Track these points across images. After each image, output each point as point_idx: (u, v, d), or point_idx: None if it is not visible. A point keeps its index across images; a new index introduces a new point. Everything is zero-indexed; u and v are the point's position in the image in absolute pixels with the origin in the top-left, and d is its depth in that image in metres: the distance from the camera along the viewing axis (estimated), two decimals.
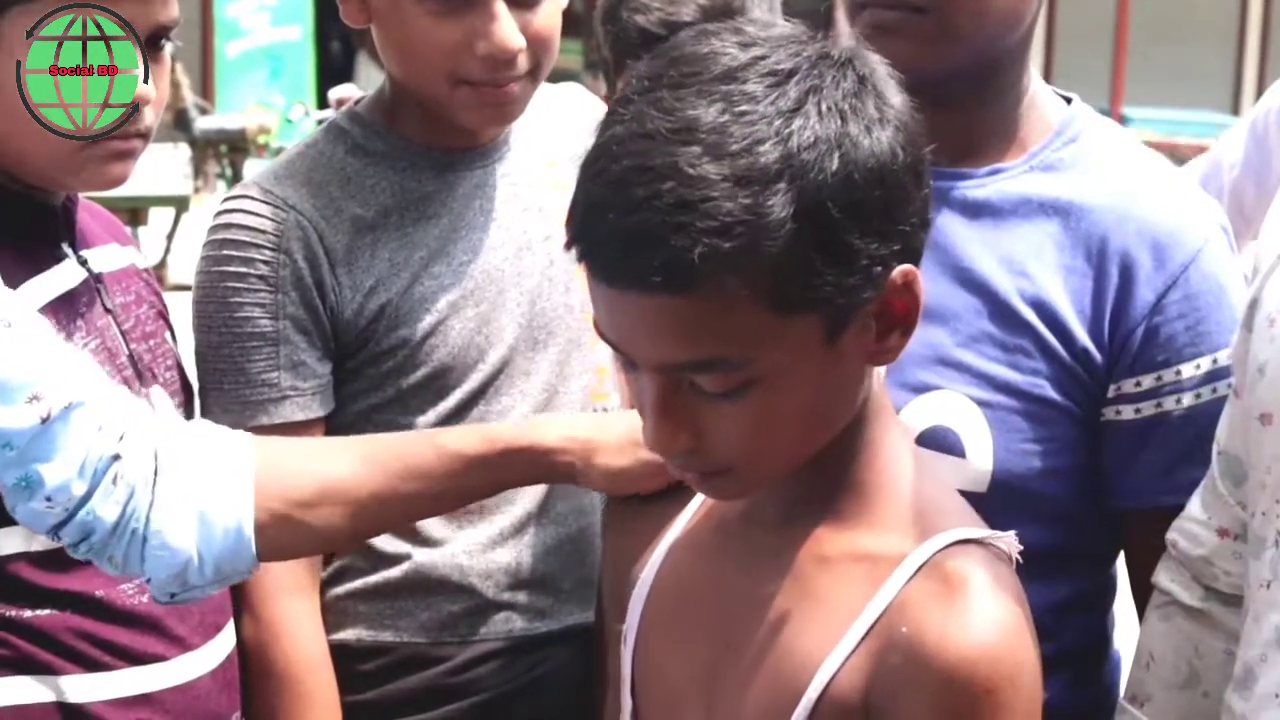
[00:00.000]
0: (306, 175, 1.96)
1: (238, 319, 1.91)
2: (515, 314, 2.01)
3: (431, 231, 1.98)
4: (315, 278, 1.91)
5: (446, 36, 1.88)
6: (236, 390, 1.92)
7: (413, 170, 1.99)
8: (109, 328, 1.82)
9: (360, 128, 2.01)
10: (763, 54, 1.28)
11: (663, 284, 1.23)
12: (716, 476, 1.35)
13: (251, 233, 1.91)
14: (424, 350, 1.95)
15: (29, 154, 1.70)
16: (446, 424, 1.95)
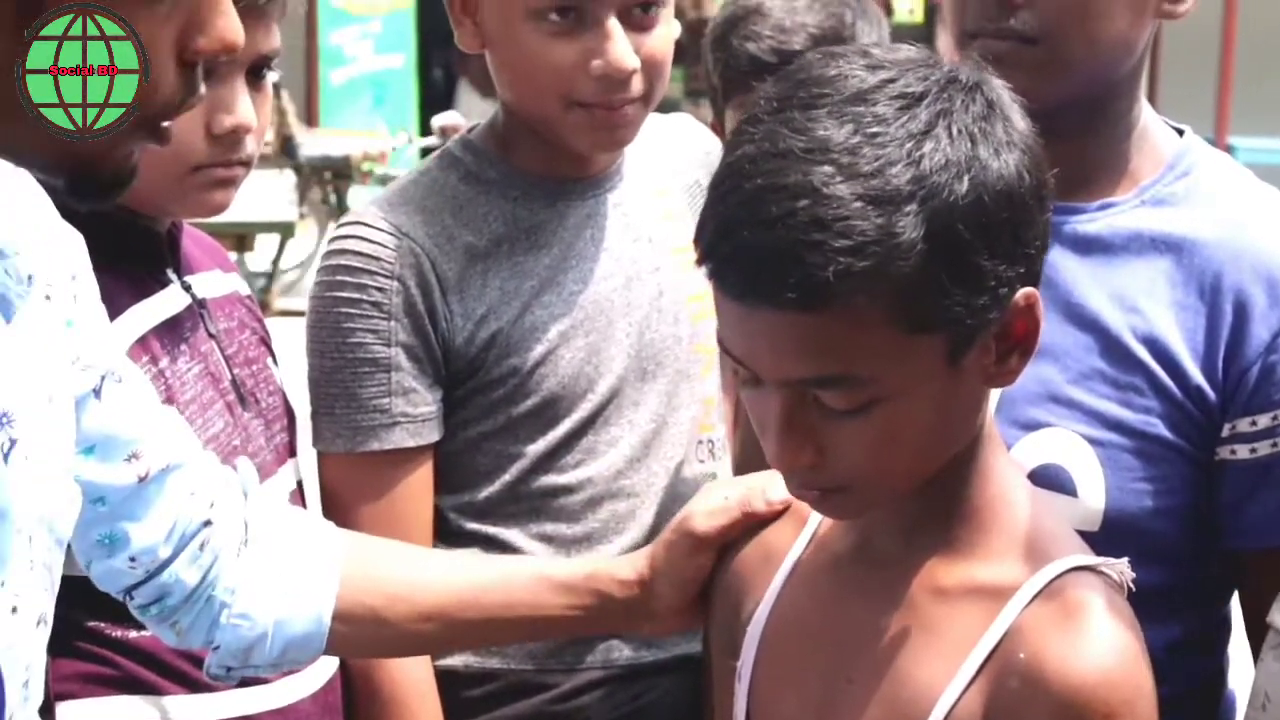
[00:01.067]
0: (420, 203, 1.97)
1: (350, 345, 1.92)
2: (624, 344, 2.01)
3: (543, 260, 1.98)
4: (427, 305, 1.93)
5: (561, 57, 1.89)
6: (348, 416, 1.93)
7: (525, 199, 2.00)
8: (212, 353, 1.84)
9: (473, 156, 2.02)
10: (891, 77, 1.30)
11: (795, 301, 1.25)
12: (835, 494, 1.37)
13: (365, 259, 1.92)
14: (534, 379, 1.95)
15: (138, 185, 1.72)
16: (556, 453, 1.97)
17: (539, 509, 1.98)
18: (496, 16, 1.92)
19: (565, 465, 1.98)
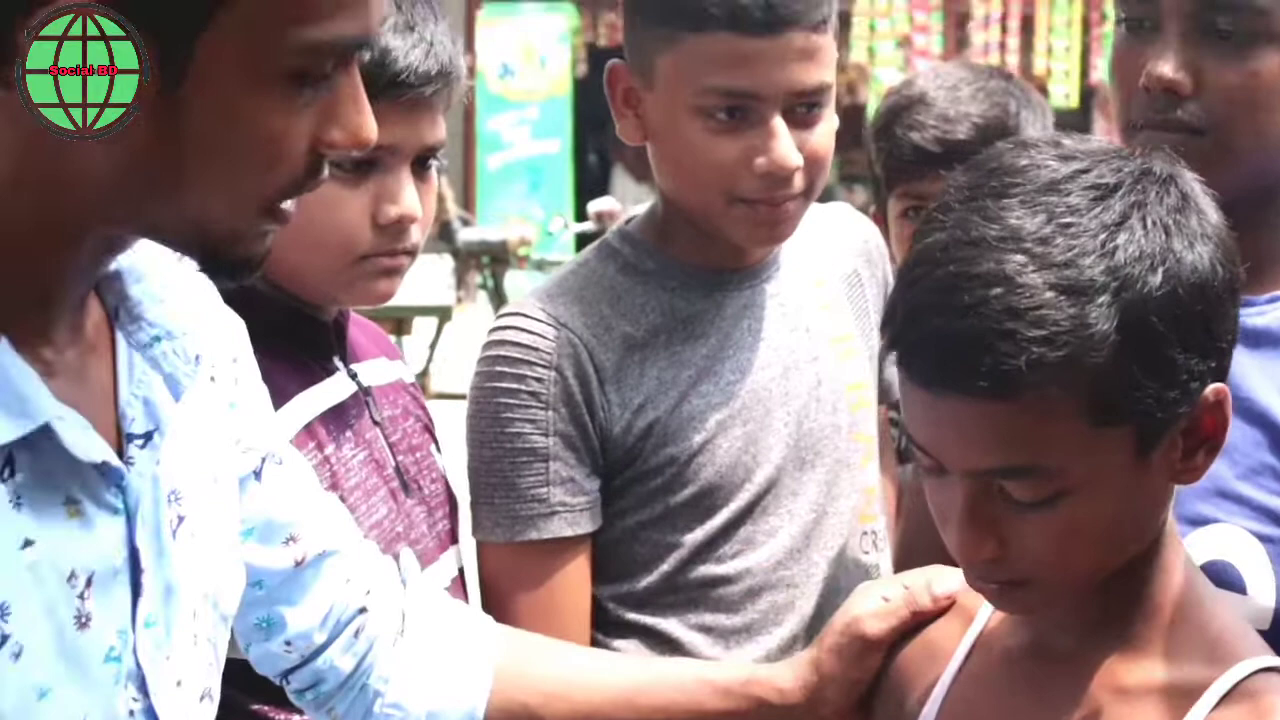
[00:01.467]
0: (578, 293, 1.99)
1: (509, 434, 1.93)
2: (783, 433, 2.00)
3: (700, 350, 1.99)
4: (585, 395, 1.94)
5: (725, 153, 1.90)
6: (507, 505, 1.94)
7: (682, 289, 2.00)
8: (377, 440, 1.87)
9: (631, 247, 2.03)
10: (1085, 167, 1.30)
11: (986, 390, 1.25)
12: (1016, 588, 1.35)
13: (524, 349, 1.94)
14: (692, 468, 1.95)
15: (303, 270, 1.76)
16: (714, 543, 1.96)
17: (697, 599, 1.97)
18: (661, 111, 1.94)
19: (724, 555, 1.97)
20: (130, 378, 1.25)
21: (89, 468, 1.19)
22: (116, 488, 1.21)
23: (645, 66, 1.94)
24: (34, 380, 1.16)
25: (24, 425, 1.15)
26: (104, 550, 1.21)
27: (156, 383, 1.27)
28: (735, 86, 1.88)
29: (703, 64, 1.88)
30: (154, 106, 1.12)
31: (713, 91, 1.88)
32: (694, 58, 1.88)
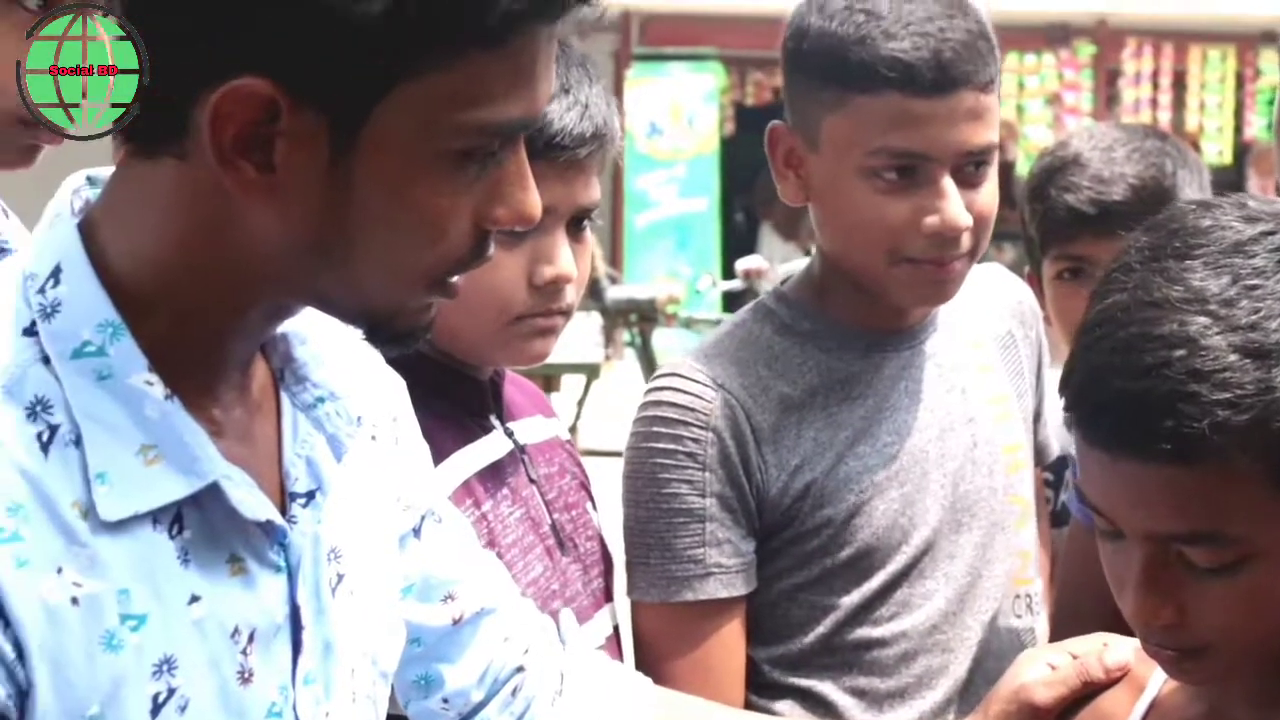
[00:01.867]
0: (735, 354, 1.99)
1: (665, 495, 1.94)
2: (939, 496, 1.99)
3: (857, 412, 1.98)
4: (742, 456, 1.93)
5: (893, 213, 1.90)
6: (662, 565, 1.94)
7: (839, 350, 2.00)
8: (533, 497, 1.88)
9: (787, 308, 2.03)
10: (1270, 229, 1.28)
11: (1168, 454, 1.22)
12: (1193, 657, 1.32)
13: (681, 410, 1.94)
14: (848, 530, 1.95)
15: (460, 330, 1.77)
16: (870, 605, 1.95)
17: (852, 662, 1.96)
18: (826, 171, 1.93)
19: (880, 618, 1.96)
20: (294, 438, 1.27)
21: (254, 526, 1.21)
22: (279, 546, 1.23)
23: (810, 127, 1.94)
24: (204, 439, 1.18)
25: (193, 483, 1.17)
26: (266, 607, 1.22)
27: (319, 443, 1.28)
28: (906, 147, 1.88)
29: (873, 125, 1.88)
30: (324, 178, 1.14)
31: (883, 152, 1.88)
32: (864, 119, 1.88)
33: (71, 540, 1.13)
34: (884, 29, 1.86)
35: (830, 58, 1.89)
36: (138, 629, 1.15)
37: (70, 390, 1.15)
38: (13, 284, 1.19)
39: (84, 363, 1.16)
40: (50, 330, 1.16)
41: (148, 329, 1.17)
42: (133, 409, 1.16)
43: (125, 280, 1.18)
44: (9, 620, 1.10)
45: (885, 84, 1.86)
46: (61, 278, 1.17)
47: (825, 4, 1.91)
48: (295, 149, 1.13)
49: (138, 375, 1.16)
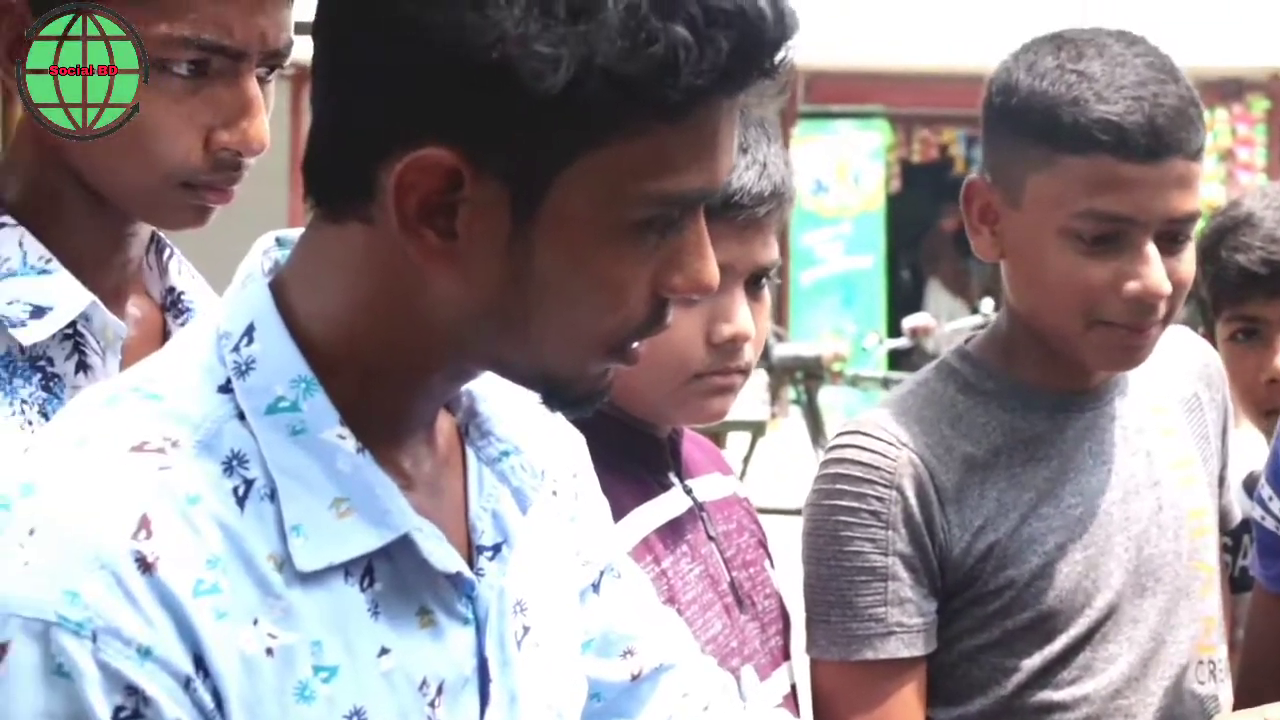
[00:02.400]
0: (918, 413, 1.98)
1: (848, 553, 1.93)
2: (1123, 559, 1.97)
3: (1041, 473, 1.97)
4: (925, 515, 1.93)
5: (1093, 276, 1.88)
6: (843, 624, 1.93)
7: (1024, 410, 1.99)
8: (711, 555, 1.88)
9: (971, 366, 2.02)
10: None
11: None
12: None
13: (864, 469, 1.94)
14: (1031, 592, 1.93)
15: (639, 388, 1.78)
16: (1052, 668, 1.93)
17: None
18: (1025, 229, 1.92)
19: (1061, 681, 1.94)
20: (480, 491, 1.29)
21: (443, 578, 1.22)
22: (467, 598, 1.24)
23: (1012, 184, 1.93)
24: (394, 492, 1.20)
25: (385, 535, 1.19)
26: (454, 659, 1.23)
27: (504, 496, 1.30)
28: (1113, 211, 1.86)
29: (1081, 186, 1.86)
30: (506, 246, 1.15)
31: (1089, 215, 1.87)
32: (1072, 179, 1.87)
33: (267, 592, 1.15)
34: (1097, 91, 1.85)
35: (1041, 116, 1.88)
36: (329, 680, 1.16)
37: (265, 445, 1.17)
38: (207, 342, 1.21)
39: (278, 418, 1.18)
40: (245, 387, 1.18)
41: (337, 386, 1.19)
42: (325, 463, 1.18)
43: (315, 339, 1.20)
44: (209, 671, 1.12)
45: (1097, 146, 1.84)
46: (255, 335, 1.20)
47: (1035, 62, 1.90)
48: (477, 218, 1.15)
49: (330, 430, 1.18)
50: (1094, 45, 1.89)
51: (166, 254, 1.71)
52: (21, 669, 1.09)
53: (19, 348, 1.56)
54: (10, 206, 1.60)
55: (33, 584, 1.10)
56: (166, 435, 1.16)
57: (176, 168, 1.56)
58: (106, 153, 1.56)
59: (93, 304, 1.58)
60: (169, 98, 1.54)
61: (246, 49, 1.54)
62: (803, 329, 13.58)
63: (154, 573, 1.11)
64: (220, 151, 1.56)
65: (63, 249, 1.59)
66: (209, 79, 1.55)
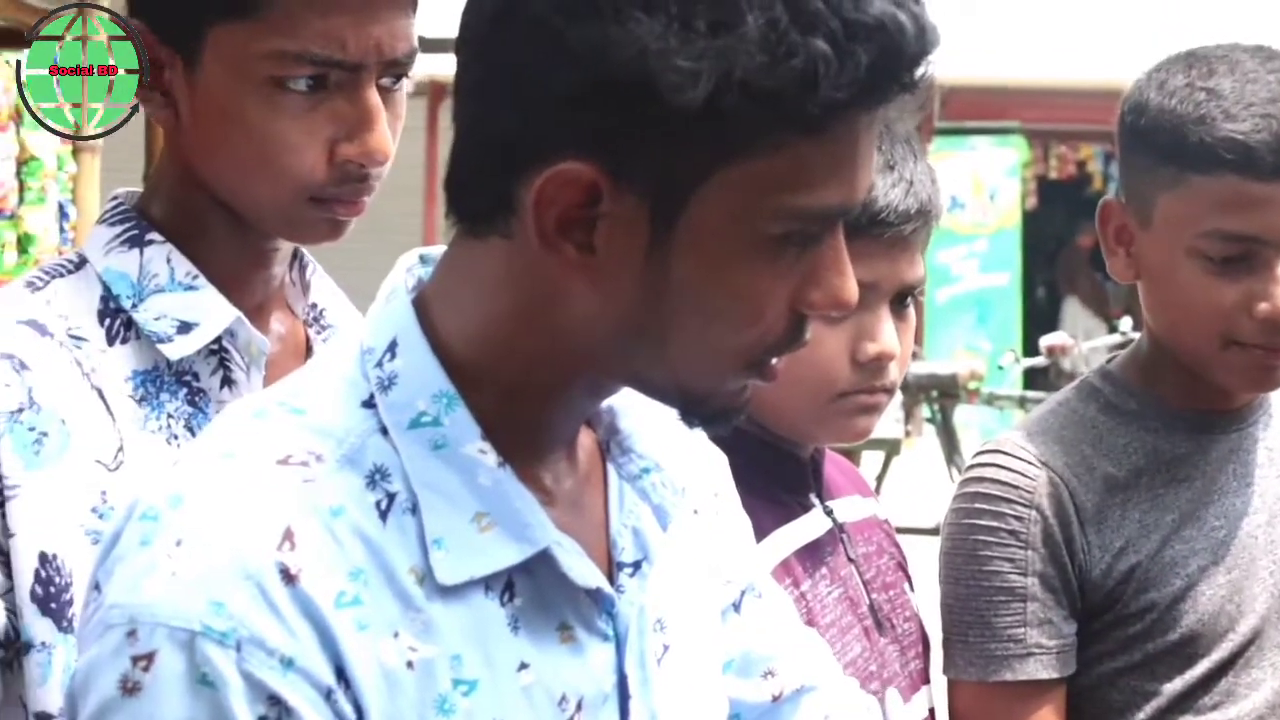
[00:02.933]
0: (1059, 432, 1.97)
1: (986, 573, 1.92)
2: (1267, 583, 1.94)
3: (1183, 494, 1.95)
4: (1065, 536, 1.91)
5: (1224, 296, 1.87)
6: (981, 644, 1.92)
7: (1166, 431, 1.97)
8: (851, 577, 1.87)
9: (1113, 386, 2.00)
10: None
11: None
12: None
13: (1004, 488, 1.93)
14: (1172, 615, 1.91)
15: (782, 407, 1.77)
16: (1194, 693, 1.91)
17: None
18: (1156, 250, 1.91)
19: (1203, 706, 1.91)
20: (621, 508, 1.29)
21: (583, 594, 1.22)
22: (607, 615, 1.24)
23: (1143, 204, 1.92)
24: (535, 506, 1.20)
25: (525, 550, 1.19)
26: (594, 675, 1.23)
27: (645, 513, 1.30)
28: (1241, 230, 1.85)
29: (1208, 206, 1.85)
30: (643, 260, 1.16)
31: (1216, 235, 1.85)
32: (1199, 199, 1.86)
33: (408, 606, 1.16)
34: (1225, 109, 1.84)
35: (1169, 136, 1.87)
36: (469, 694, 1.17)
37: (407, 459, 1.18)
38: (351, 358, 1.22)
39: (420, 433, 1.19)
40: (388, 402, 1.19)
41: (478, 401, 1.20)
42: (467, 477, 1.19)
43: (457, 354, 1.21)
44: (350, 682, 1.13)
45: (1223, 165, 1.83)
46: (398, 351, 1.21)
47: (1166, 80, 1.89)
48: (616, 232, 1.15)
49: (471, 444, 1.19)
50: (1226, 62, 1.88)
51: (309, 270, 1.73)
52: (167, 678, 1.11)
53: (166, 363, 1.58)
54: (158, 224, 1.62)
55: (179, 594, 1.12)
56: (311, 449, 1.18)
57: (303, 182, 1.57)
58: (236, 171, 1.58)
59: (238, 319, 1.60)
60: (290, 114, 1.55)
61: (363, 60, 1.54)
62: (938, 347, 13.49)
63: (297, 584, 1.12)
64: (344, 164, 1.57)
65: (208, 266, 1.61)
66: (329, 92, 1.55)
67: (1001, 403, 10.35)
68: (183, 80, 1.58)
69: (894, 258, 1.79)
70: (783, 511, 1.82)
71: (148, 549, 1.14)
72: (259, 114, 1.54)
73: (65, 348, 1.55)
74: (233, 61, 1.54)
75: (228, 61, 1.55)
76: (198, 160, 1.59)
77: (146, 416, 1.57)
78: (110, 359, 1.57)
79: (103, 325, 1.58)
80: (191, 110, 1.58)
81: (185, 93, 1.58)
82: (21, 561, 1.50)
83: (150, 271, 1.59)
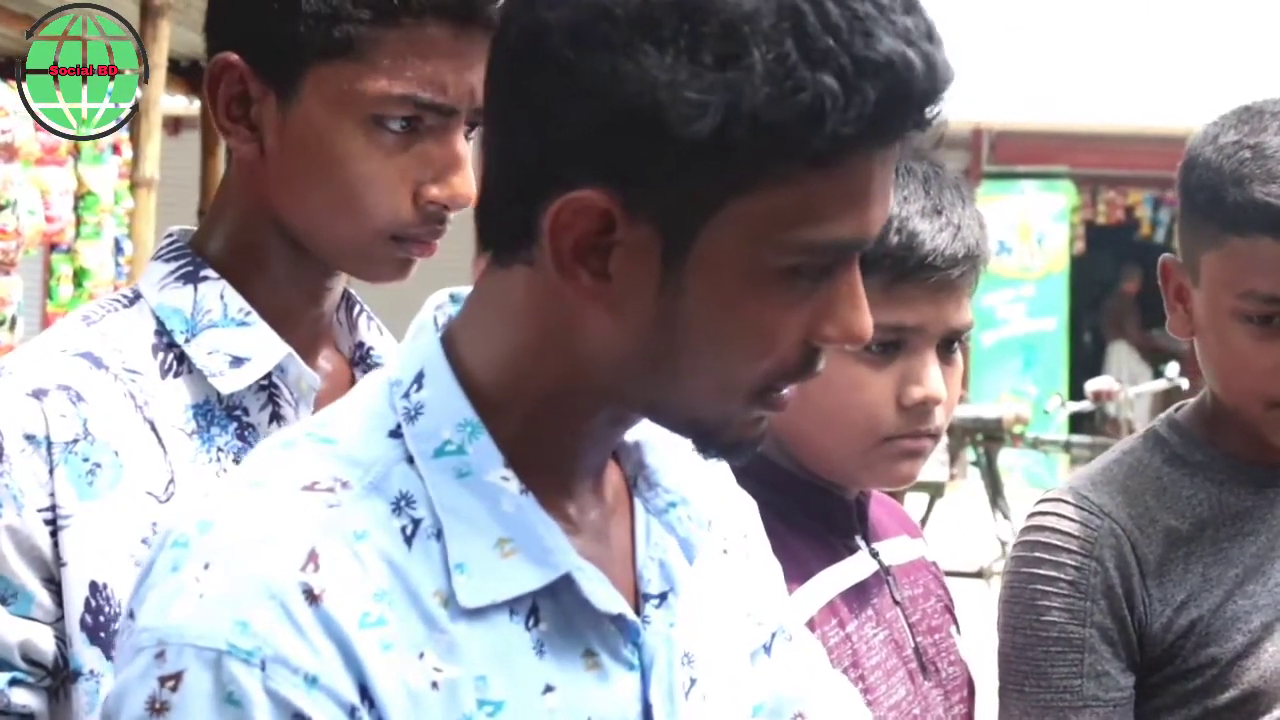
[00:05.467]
0: (1123, 483, 1.96)
1: (1045, 623, 1.91)
2: None
3: (1248, 549, 1.94)
4: (1125, 588, 1.90)
5: (1265, 358, 1.87)
6: (1036, 694, 1.90)
7: (1231, 484, 1.96)
8: (897, 619, 1.86)
9: (1179, 437, 2.00)
10: None
11: None
12: None
13: (1064, 537, 1.92)
14: (1234, 671, 1.89)
15: (828, 450, 1.78)
16: None
17: None
18: (1205, 308, 1.92)
19: None
20: (648, 540, 1.29)
21: (607, 620, 1.22)
22: (633, 644, 1.24)
23: (1193, 262, 1.93)
24: (557, 532, 1.21)
25: (547, 574, 1.20)
26: (619, 703, 1.23)
27: (671, 545, 1.30)
28: (1275, 292, 1.85)
29: (1244, 266, 1.86)
30: (657, 289, 1.16)
31: (1252, 295, 1.86)
32: (1236, 259, 1.86)
33: (433, 627, 1.17)
34: (1267, 169, 1.84)
35: (1209, 194, 1.87)
36: (494, 715, 1.17)
37: (432, 487, 1.20)
38: (380, 391, 1.24)
39: (445, 461, 1.20)
40: (414, 431, 1.21)
41: (502, 429, 1.21)
42: (490, 504, 1.20)
43: (481, 383, 1.22)
44: (374, 701, 1.14)
45: (1259, 227, 1.83)
46: (424, 382, 1.22)
47: (1218, 135, 1.90)
48: (629, 260, 1.16)
49: (494, 472, 1.20)
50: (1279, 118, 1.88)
51: (356, 310, 1.76)
52: (195, 697, 1.12)
53: (217, 396, 1.61)
54: (213, 260, 1.65)
55: (206, 615, 1.13)
56: (337, 476, 1.19)
57: (388, 221, 1.60)
58: (321, 204, 1.60)
59: (289, 355, 1.62)
60: (383, 152, 1.58)
61: (458, 106, 1.58)
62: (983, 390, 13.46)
63: (320, 604, 1.13)
64: (428, 205, 1.60)
65: (261, 302, 1.63)
66: (420, 135, 1.59)
67: (1046, 447, 10.31)
68: (275, 114, 1.61)
69: (940, 302, 1.78)
70: (829, 553, 1.82)
71: (177, 574, 1.16)
72: (354, 150, 1.58)
73: (120, 380, 1.58)
74: (334, 99, 1.58)
75: (329, 99, 1.58)
76: (278, 193, 1.62)
77: (197, 450, 1.59)
78: (163, 392, 1.59)
79: (156, 359, 1.61)
80: (280, 144, 1.61)
81: (275, 126, 1.61)
82: (72, 590, 1.53)
83: (204, 307, 1.62)
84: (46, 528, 1.53)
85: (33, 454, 1.53)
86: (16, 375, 1.56)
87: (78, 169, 5.04)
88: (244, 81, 1.61)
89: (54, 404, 1.54)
